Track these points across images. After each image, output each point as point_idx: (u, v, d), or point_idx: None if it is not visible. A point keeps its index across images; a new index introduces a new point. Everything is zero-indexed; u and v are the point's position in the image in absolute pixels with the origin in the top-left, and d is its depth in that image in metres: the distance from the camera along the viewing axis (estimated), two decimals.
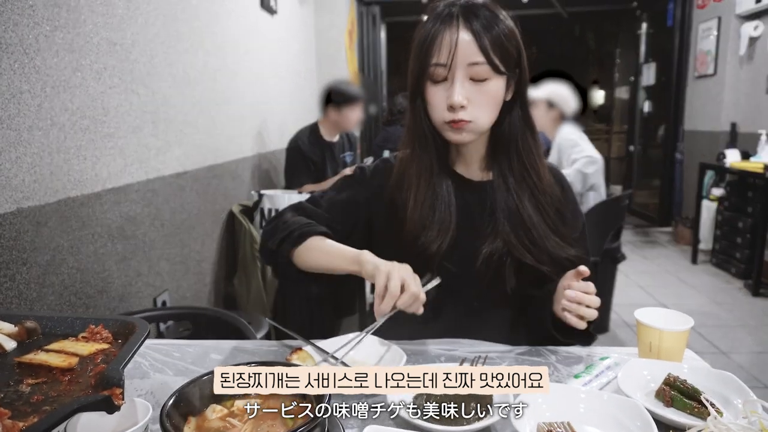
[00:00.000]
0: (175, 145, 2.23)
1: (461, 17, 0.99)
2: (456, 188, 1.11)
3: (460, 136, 1.04)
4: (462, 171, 1.15)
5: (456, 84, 1.00)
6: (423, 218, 1.07)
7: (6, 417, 0.55)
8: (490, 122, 1.06)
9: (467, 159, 1.14)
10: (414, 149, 1.10)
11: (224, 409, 0.71)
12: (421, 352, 1.00)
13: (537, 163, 1.10)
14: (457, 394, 0.82)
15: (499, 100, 1.04)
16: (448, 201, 1.09)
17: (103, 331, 0.78)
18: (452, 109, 1.01)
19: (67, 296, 1.55)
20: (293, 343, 1.02)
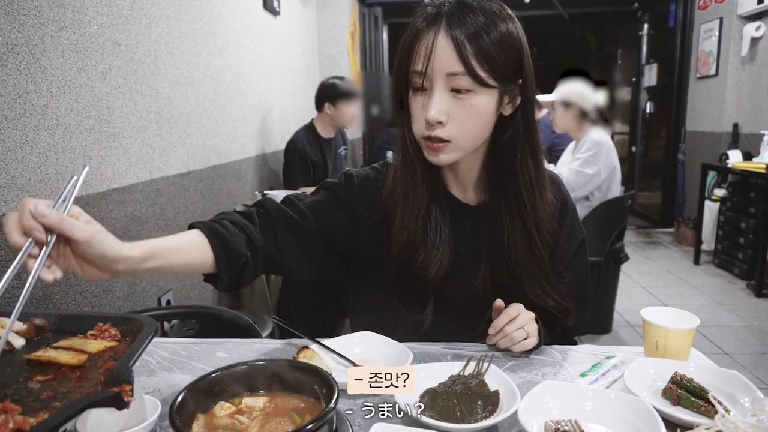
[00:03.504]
0: (179, 145, 2.24)
1: (445, 19, 0.88)
2: (450, 211, 1.04)
3: (436, 157, 0.95)
4: (457, 193, 1.07)
5: (434, 96, 0.90)
6: (412, 239, 1.00)
7: (17, 413, 0.55)
8: (475, 142, 0.96)
9: (460, 179, 1.06)
10: (402, 164, 1.02)
11: (232, 407, 0.72)
12: (427, 352, 1.00)
13: (535, 192, 1.00)
14: (462, 392, 0.82)
15: (488, 116, 0.93)
16: (441, 226, 1.02)
17: (111, 329, 0.78)
18: (429, 124, 0.92)
19: (73, 295, 1.55)
20: (299, 341, 1.02)
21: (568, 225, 1.11)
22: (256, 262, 0.96)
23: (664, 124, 5.99)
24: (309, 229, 1.02)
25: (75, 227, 0.68)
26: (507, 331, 0.96)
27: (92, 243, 0.70)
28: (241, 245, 0.93)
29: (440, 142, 0.93)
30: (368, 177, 1.10)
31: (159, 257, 0.81)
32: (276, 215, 1.01)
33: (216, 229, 0.91)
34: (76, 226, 0.68)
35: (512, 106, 0.96)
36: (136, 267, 0.77)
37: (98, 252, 0.71)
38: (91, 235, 0.70)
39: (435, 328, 1.07)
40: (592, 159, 2.78)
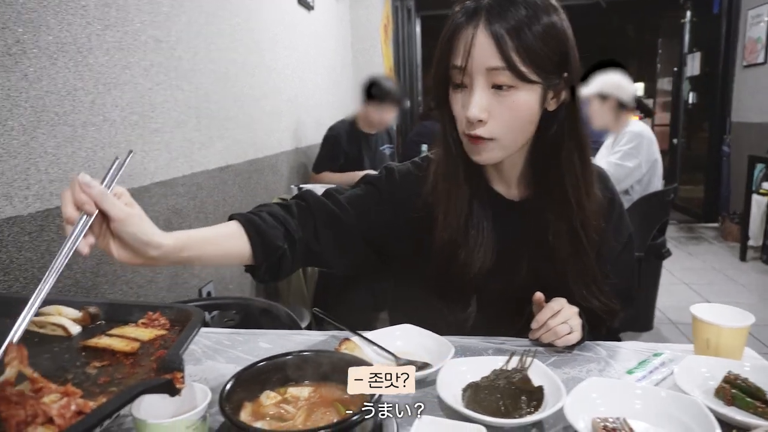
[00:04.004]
0: (218, 139, 2.28)
1: (485, 13, 0.86)
2: (493, 208, 1.02)
3: (479, 156, 0.94)
4: (500, 189, 1.05)
5: (474, 93, 0.88)
6: (454, 238, 0.99)
7: (78, 396, 0.57)
8: (519, 140, 0.94)
9: (504, 176, 1.03)
10: (443, 162, 1.01)
11: (278, 396, 0.73)
12: (468, 346, 0.99)
13: (581, 189, 0.97)
14: (506, 386, 0.81)
15: (531, 113, 0.91)
16: (483, 222, 1.00)
17: (160, 318, 0.80)
18: (470, 123, 0.90)
19: (119, 285, 1.61)
20: (340, 333, 1.03)
21: (615, 222, 1.09)
22: (295, 254, 0.96)
23: (707, 115, 5.78)
24: (348, 223, 1.02)
25: (114, 205, 0.71)
26: (550, 325, 0.95)
27: (126, 223, 0.72)
28: (278, 237, 0.93)
29: (482, 140, 0.92)
30: (409, 172, 1.09)
31: (195, 248, 0.82)
32: (316, 208, 1.01)
33: (254, 221, 0.92)
34: (115, 204, 0.71)
35: (557, 100, 0.93)
36: (172, 256, 0.78)
37: (131, 232, 0.73)
38: (127, 215, 0.72)
39: (475, 325, 1.06)
40: (633, 152, 2.70)
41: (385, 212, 1.05)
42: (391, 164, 1.11)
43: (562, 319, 0.96)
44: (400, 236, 1.06)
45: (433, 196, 1.02)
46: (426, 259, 1.03)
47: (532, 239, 1.03)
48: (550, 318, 0.95)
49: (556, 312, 0.96)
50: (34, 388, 0.59)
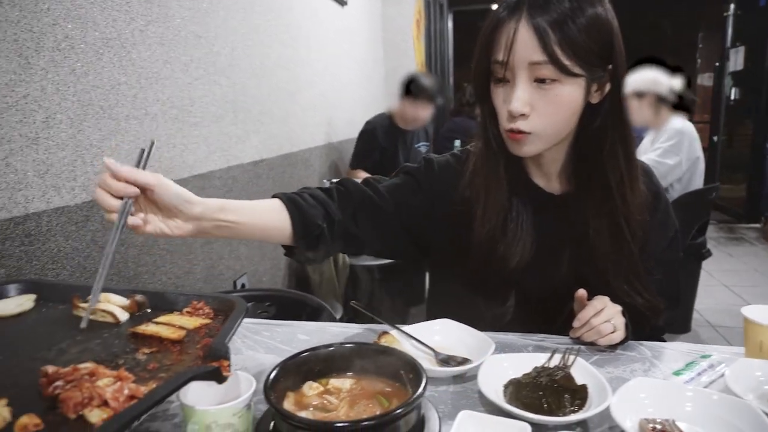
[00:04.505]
0: (253, 133, 2.30)
1: (527, 7, 0.85)
2: (532, 201, 1.01)
3: (519, 149, 0.93)
4: (540, 182, 1.03)
5: (517, 87, 0.87)
6: (493, 232, 0.98)
7: (130, 381, 0.59)
8: (561, 133, 0.93)
9: (544, 169, 1.02)
10: (482, 155, 1.00)
11: (320, 387, 0.73)
12: (508, 343, 0.98)
13: (625, 184, 0.95)
14: (548, 384, 0.80)
15: (574, 106, 0.90)
16: (523, 216, 0.99)
17: (204, 307, 0.81)
18: (512, 117, 0.89)
19: (159, 275, 1.64)
20: (378, 327, 1.03)
21: (660, 218, 1.06)
22: (333, 236, 0.97)
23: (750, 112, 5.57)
24: (387, 211, 1.02)
25: (146, 175, 0.75)
26: (593, 323, 0.93)
27: (163, 187, 0.76)
28: (318, 217, 0.94)
29: (523, 134, 0.90)
30: (448, 164, 1.09)
31: (234, 212, 0.84)
32: (355, 194, 1.02)
33: (295, 199, 0.94)
34: (145, 174, 0.75)
35: (600, 93, 0.92)
36: (215, 215, 0.81)
37: (174, 193, 0.77)
38: (159, 179, 0.76)
39: (513, 321, 1.05)
40: (673, 149, 2.62)
41: (423, 203, 1.05)
42: (430, 155, 1.11)
43: (606, 317, 0.94)
44: (438, 228, 1.06)
45: (471, 190, 1.01)
46: (464, 252, 1.02)
47: (573, 234, 1.01)
48: (593, 316, 0.94)
49: (599, 310, 0.94)
50: (88, 372, 0.60)
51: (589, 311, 0.94)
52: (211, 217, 0.81)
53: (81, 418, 0.54)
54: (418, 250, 1.11)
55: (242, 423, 0.65)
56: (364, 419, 0.61)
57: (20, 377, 0.63)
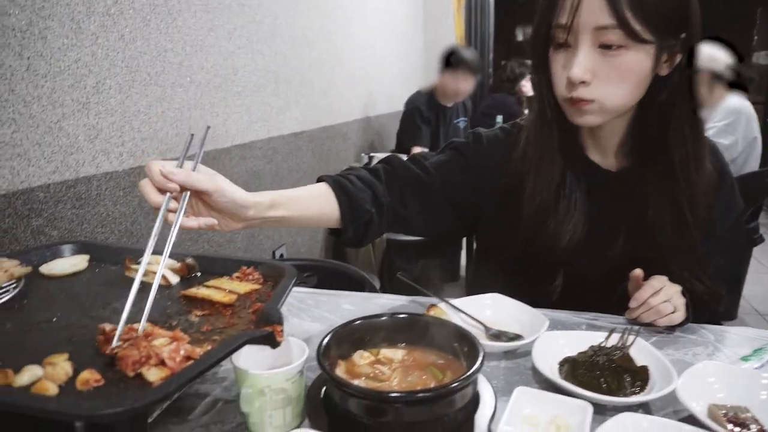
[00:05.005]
0: (294, 105, 2.29)
1: None
2: (587, 177, 0.96)
3: (580, 119, 0.88)
4: (596, 158, 0.98)
5: (579, 53, 0.82)
6: (543, 208, 0.94)
7: (185, 342, 0.58)
8: (625, 104, 0.87)
9: (602, 143, 0.96)
10: (537, 126, 0.96)
11: (371, 356, 0.72)
12: (559, 320, 0.95)
13: (690, 164, 0.90)
14: (606, 364, 0.77)
15: (641, 76, 0.84)
16: (575, 193, 0.95)
17: (254, 273, 0.81)
18: (571, 84, 0.84)
19: (201, 243, 1.66)
20: (424, 299, 1.01)
21: (725, 198, 1.00)
22: (382, 219, 0.94)
23: None
24: (434, 189, 0.99)
25: (201, 180, 0.71)
26: (652, 303, 0.89)
27: (220, 192, 0.72)
28: (366, 201, 0.92)
29: (584, 102, 0.85)
30: (497, 138, 1.05)
31: (285, 206, 0.82)
32: (403, 173, 0.99)
33: (343, 184, 0.91)
34: (201, 179, 0.71)
35: (670, 64, 0.85)
36: (265, 213, 0.79)
37: (229, 199, 0.73)
38: (217, 186, 0.72)
39: (560, 300, 1.01)
40: (729, 128, 2.49)
41: (472, 179, 1.02)
42: (478, 129, 1.07)
43: (665, 297, 0.89)
44: (487, 204, 1.03)
45: (523, 163, 0.97)
46: (512, 229, 0.99)
47: (630, 213, 0.96)
48: (652, 296, 0.89)
49: (657, 290, 0.90)
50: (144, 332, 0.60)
51: (647, 290, 0.90)
52: (262, 217, 0.79)
53: (139, 376, 0.54)
54: (464, 227, 1.08)
55: (295, 389, 0.64)
56: (419, 390, 0.60)
57: (78, 334, 0.64)
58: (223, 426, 0.67)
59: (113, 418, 0.45)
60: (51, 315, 0.68)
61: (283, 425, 0.64)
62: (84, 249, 0.90)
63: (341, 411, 0.62)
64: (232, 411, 0.70)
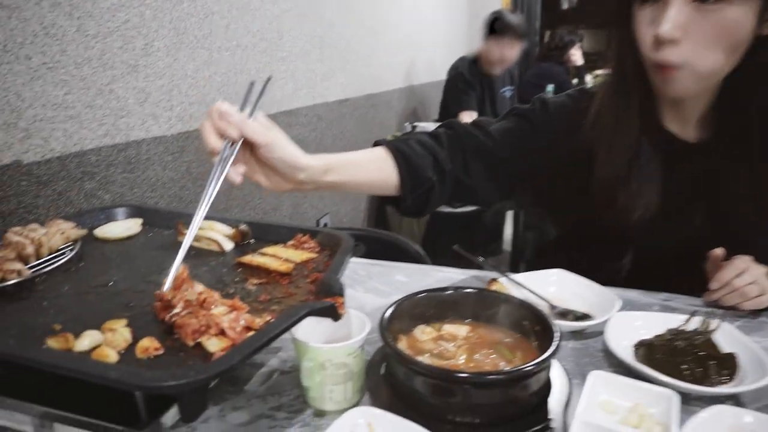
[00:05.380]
0: (339, 72, 2.23)
1: None
2: (663, 148, 0.88)
3: (669, 88, 0.80)
4: (674, 127, 0.90)
5: (670, 7, 0.73)
6: (615, 179, 0.88)
7: (244, 311, 0.55)
8: (718, 69, 0.77)
9: (682, 112, 0.88)
10: (613, 91, 0.88)
11: (434, 332, 0.68)
12: (630, 300, 0.88)
13: None
14: (686, 349, 0.71)
15: (740, 36, 0.74)
16: (650, 164, 0.88)
17: (309, 241, 0.77)
18: (658, 44, 0.75)
19: (248, 210, 1.65)
20: (481, 273, 0.96)
21: None
22: (444, 187, 0.89)
23: None
24: (499, 157, 0.93)
25: (256, 130, 0.66)
26: (736, 285, 0.81)
27: (272, 147, 0.68)
28: (428, 168, 0.86)
29: (672, 68, 0.77)
30: (565, 105, 0.98)
31: (341, 171, 0.77)
32: (466, 139, 0.92)
33: (402, 149, 0.86)
34: (257, 130, 0.66)
35: None
36: (318, 178, 0.74)
37: (278, 156, 0.68)
38: (271, 140, 0.67)
39: (628, 278, 0.94)
40: None
41: (538, 147, 0.95)
42: (544, 95, 1.00)
43: (750, 279, 0.82)
44: (553, 174, 0.96)
45: (594, 132, 0.90)
46: (580, 200, 0.93)
47: (709, 189, 0.88)
48: (735, 277, 0.82)
49: (741, 271, 0.82)
50: (199, 300, 0.58)
51: (730, 272, 0.82)
52: (315, 181, 0.74)
53: (199, 345, 0.52)
54: (530, 197, 1.02)
55: (356, 363, 0.61)
56: (492, 372, 0.55)
57: (135, 299, 0.62)
58: (280, 398, 0.64)
59: (176, 389, 0.43)
60: (108, 279, 0.67)
61: (343, 400, 0.61)
62: (137, 213, 0.89)
63: (405, 389, 0.58)
64: (288, 383, 0.67)
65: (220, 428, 0.59)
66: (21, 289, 0.62)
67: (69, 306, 0.60)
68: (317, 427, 0.60)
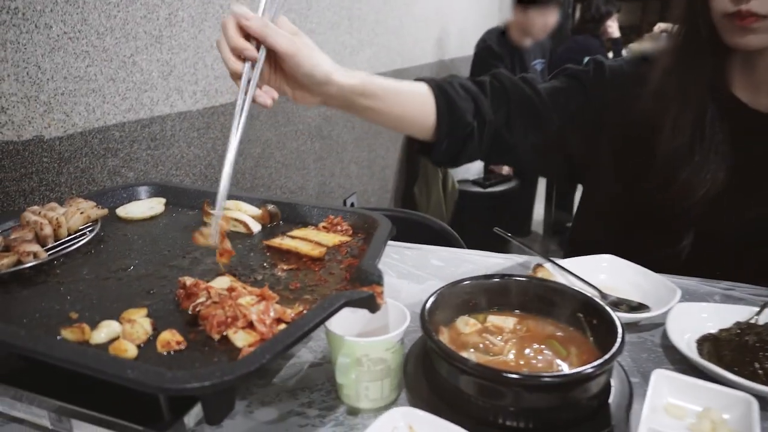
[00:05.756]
0: (367, 45, 2.15)
1: None
2: (732, 119, 0.81)
3: (741, 39, 0.73)
4: (744, 96, 0.82)
5: None
6: (678, 152, 0.80)
7: (274, 301, 0.50)
8: None
9: (754, 79, 0.80)
10: (683, 53, 0.81)
11: (477, 324, 0.62)
12: (688, 289, 0.81)
13: None
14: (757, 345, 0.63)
15: None
16: (717, 136, 0.80)
17: (342, 223, 0.72)
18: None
19: (274, 189, 1.60)
20: (521, 258, 0.90)
21: None
22: (482, 138, 0.83)
23: None
24: (545, 117, 0.86)
25: (279, 36, 0.60)
26: None
27: (298, 59, 0.62)
28: (468, 112, 0.80)
29: (755, 18, 0.69)
30: (621, 69, 0.90)
31: (378, 97, 0.72)
32: (513, 90, 0.85)
33: (445, 89, 0.80)
34: (279, 35, 0.60)
35: None
36: (352, 98, 0.69)
37: (306, 72, 0.63)
38: (296, 49, 0.62)
39: (687, 264, 0.87)
40: None
41: (589, 112, 0.88)
42: (600, 57, 0.92)
43: None
44: (603, 143, 0.89)
45: (656, 100, 0.82)
46: (635, 176, 0.85)
47: None
48: None
49: None
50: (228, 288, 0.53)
51: None
52: (345, 99, 0.69)
53: (225, 339, 0.47)
54: (574, 168, 0.94)
55: (395, 359, 0.55)
56: (552, 375, 0.49)
57: (157, 285, 0.58)
58: (311, 393, 0.60)
59: (200, 392, 0.38)
60: (128, 262, 0.63)
61: (380, 398, 0.56)
62: (161, 191, 0.85)
63: (448, 387, 0.53)
64: (319, 376, 0.62)
65: (248, 426, 0.54)
66: (38, 272, 0.59)
67: (87, 292, 0.56)
68: (352, 426, 0.55)
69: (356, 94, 0.68)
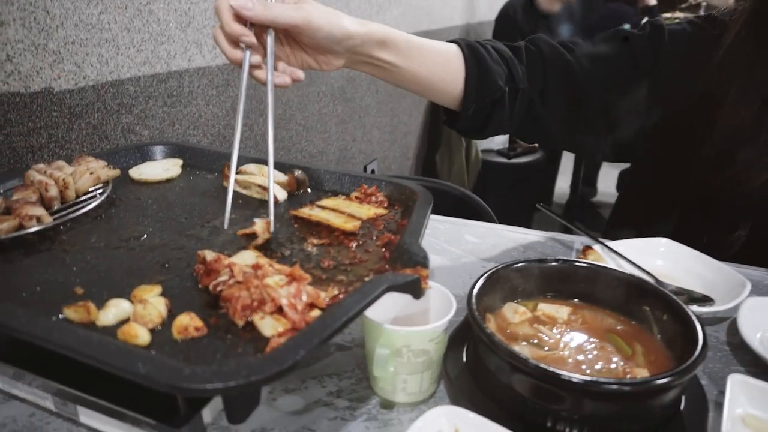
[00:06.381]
0: (395, 4, 2.04)
1: None
2: None
3: None
4: None
5: None
6: (740, 130, 0.72)
7: (306, 282, 0.44)
8: None
9: None
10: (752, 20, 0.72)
11: (527, 312, 0.55)
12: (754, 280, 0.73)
13: None
14: None
15: None
16: None
17: (377, 193, 0.65)
18: None
19: (294, 153, 1.53)
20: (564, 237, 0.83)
21: None
22: (513, 107, 0.75)
23: None
24: (586, 88, 0.77)
25: (287, 11, 0.55)
26: None
27: (314, 24, 0.56)
28: (500, 76, 0.73)
29: None
30: (684, 33, 0.80)
31: (400, 50, 0.66)
32: (550, 58, 0.76)
33: (476, 49, 0.72)
34: (287, 10, 0.55)
35: None
36: (371, 51, 0.63)
37: (325, 34, 0.58)
38: (309, 15, 0.56)
39: (741, 253, 0.79)
40: None
41: (640, 82, 0.79)
42: (659, 20, 0.82)
43: None
44: (655, 120, 0.79)
45: (722, 69, 0.73)
46: (689, 156, 0.77)
47: None
48: None
49: None
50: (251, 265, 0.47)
51: None
52: (368, 53, 0.63)
53: (250, 325, 0.41)
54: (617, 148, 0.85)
55: (437, 350, 0.49)
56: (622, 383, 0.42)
57: (172, 258, 0.52)
58: (340, 380, 0.54)
59: (222, 393, 0.32)
60: (142, 230, 0.57)
61: (418, 392, 0.50)
62: (177, 152, 0.78)
63: (496, 384, 0.47)
64: (348, 361, 0.57)
65: (271, 417, 0.49)
66: (41, 238, 0.53)
67: (95, 263, 0.50)
68: (386, 422, 0.49)
69: (377, 43, 0.62)
